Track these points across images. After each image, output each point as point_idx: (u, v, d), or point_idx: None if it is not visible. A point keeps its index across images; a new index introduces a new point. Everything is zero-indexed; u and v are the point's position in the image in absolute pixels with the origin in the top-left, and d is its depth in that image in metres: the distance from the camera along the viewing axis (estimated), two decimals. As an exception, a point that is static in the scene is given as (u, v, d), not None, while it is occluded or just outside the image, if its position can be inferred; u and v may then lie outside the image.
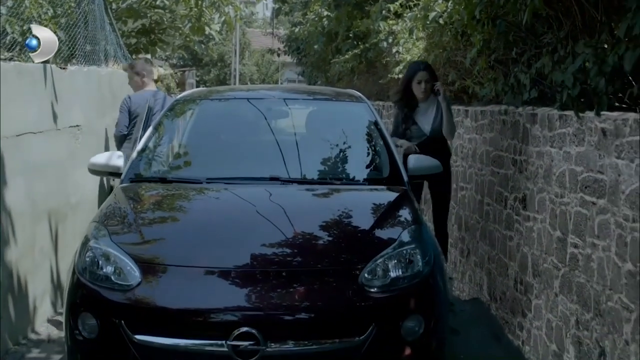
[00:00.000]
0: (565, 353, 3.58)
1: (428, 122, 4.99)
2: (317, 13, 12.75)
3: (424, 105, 5.02)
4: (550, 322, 3.80)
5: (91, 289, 2.82)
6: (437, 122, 4.97)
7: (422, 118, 5.01)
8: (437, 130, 4.97)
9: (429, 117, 5.01)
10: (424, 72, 4.96)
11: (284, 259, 3.00)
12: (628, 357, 2.86)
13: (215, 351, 2.63)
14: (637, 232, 2.80)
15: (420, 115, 5.02)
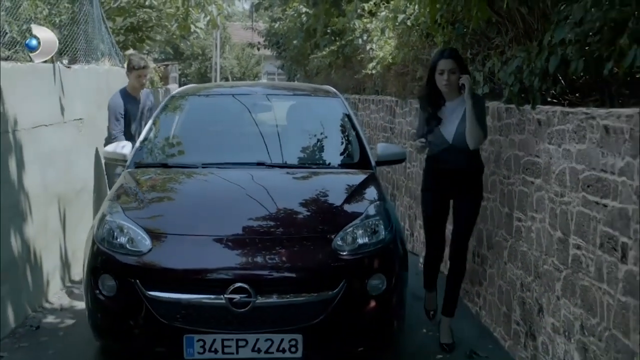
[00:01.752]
0: (512, 313, 4.19)
1: (452, 127, 4.00)
2: (295, 9, 13.27)
3: (452, 105, 4.02)
4: (501, 287, 4.41)
5: (109, 255, 3.35)
6: (462, 129, 3.95)
7: (447, 121, 4.03)
8: (462, 138, 3.95)
9: (454, 120, 4.00)
10: (447, 61, 3.91)
11: (269, 229, 3.54)
12: (559, 310, 3.48)
13: (214, 303, 3.16)
14: (565, 205, 3.42)
15: (445, 116, 4.04)
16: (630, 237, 2.72)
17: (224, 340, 3.15)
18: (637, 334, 2.67)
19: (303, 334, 3.18)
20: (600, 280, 2.99)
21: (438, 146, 4.08)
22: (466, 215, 4.13)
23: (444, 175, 4.10)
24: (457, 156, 4.01)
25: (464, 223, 4.16)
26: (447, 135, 4.03)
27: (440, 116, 4.04)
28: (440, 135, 4.05)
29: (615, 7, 2.43)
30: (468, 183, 4.10)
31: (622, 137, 2.76)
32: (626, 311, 2.76)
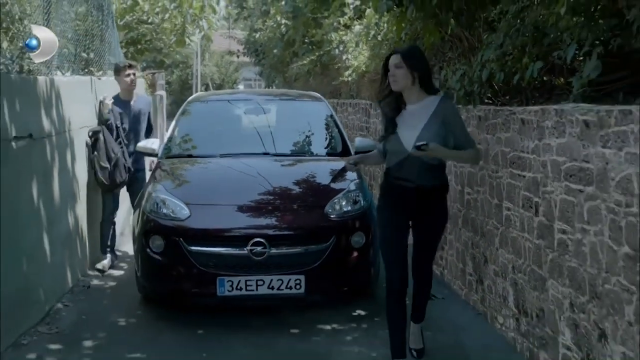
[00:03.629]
0: (466, 267, 5.32)
1: (412, 133, 3.46)
2: (275, 21, 14.37)
3: (413, 108, 3.52)
4: (458, 249, 5.54)
5: (157, 222, 4.39)
6: (426, 136, 3.40)
7: (406, 125, 3.51)
8: None
9: (415, 124, 3.47)
10: (393, 56, 3.49)
11: (276, 199, 4.62)
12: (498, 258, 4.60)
13: (239, 253, 4.21)
14: (498, 179, 4.55)
15: (404, 120, 3.53)
16: (540, 197, 3.85)
17: (247, 281, 4.21)
18: (547, 265, 3.80)
19: (305, 275, 4.25)
20: (522, 230, 4.13)
21: (395, 156, 3.52)
22: (424, 239, 3.66)
23: (401, 192, 3.53)
24: (417, 169, 3.46)
25: (423, 251, 3.70)
26: (405, 143, 3.44)
27: (397, 122, 3.52)
28: (397, 142, 3.49)
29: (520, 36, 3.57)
30: (429, 202, 3.56)
31: (532, 127, 3.89)
32: (539, 250, 3.90)
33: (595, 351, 3.26)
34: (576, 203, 3.38)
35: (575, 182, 3.37)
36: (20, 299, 4.03)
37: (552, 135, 3.58)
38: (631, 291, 2.91)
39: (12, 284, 3.88)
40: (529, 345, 4.07)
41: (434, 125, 3.48)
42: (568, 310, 3.53)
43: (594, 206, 3.19)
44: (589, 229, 3.26)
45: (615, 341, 3.06)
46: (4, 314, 3.72)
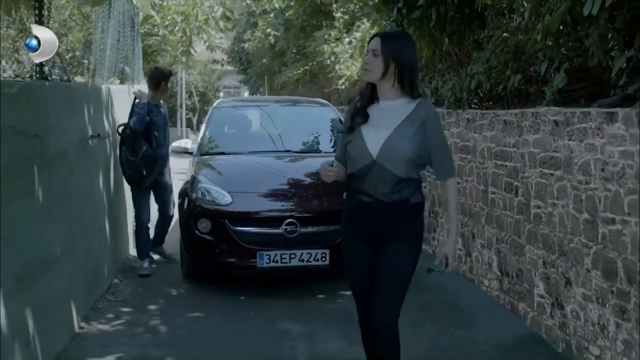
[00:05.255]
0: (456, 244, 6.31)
1: (381, 133, 2.77)
2: (263, 31, 15.31)
3: (387, 105, 2.83)
4: (449, 230, 6.55)
5: (204, 207, 5.26)
6: (397, 140, 2.72)
7: (374, 123, 2.80)
8: (394, 154, 2.73)
9: (386, 124, 2.78)
10: (373, 40, 2.85)
11: (302, 187, 5.54)
12: (484, 234, 5.60)
13: (275, 232, 5.11)
14: (484, 169, 5.57)
15: (371, 119, 2.82)
16: (519, 181, 4.86)
17: (282, 255, 5.12)
18: (525, 235, 4.80)
19: (329, 249, 5.17)
20: (505, 209, 5.14)
21: (356, 162, 2.77)
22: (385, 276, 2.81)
23: (362, 210, 2.81)
24: (382, 181, 2.71)
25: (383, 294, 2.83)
26: (370, 145, 2.72)
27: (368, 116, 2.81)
28: (360, 143, 2.74)
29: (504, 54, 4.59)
30: (395, 225, 2.76)
31: (513, 126, 4.90)
32: (519, 223, 4.90)
33: (562, 295, 4.26)
34: (548, 184, 4.38)
35: (547, 168, 4.38)
36: (94, 272, 4.88)
37: (529, 132, 4.60)
38: (589, 246, 3.91)
39: (92, 259, 4.73)
40: (510, 300, 5.06)
41: (409, 129, 2.74)
42: (541, 267, 4.53)
43: (562, 185, 4.20)
44: (557, 203, 4.27)
45: (577, 285, 4.06)
46: (87, 282, 4.58)
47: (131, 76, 7.14)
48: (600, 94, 3.96)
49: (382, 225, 2.89)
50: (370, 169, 2.83)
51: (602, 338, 3.84)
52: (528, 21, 4.11)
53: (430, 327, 4.34)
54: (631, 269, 3.49)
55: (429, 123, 2.87)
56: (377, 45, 2.85)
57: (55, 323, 3.87)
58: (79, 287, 4.39)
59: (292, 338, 4.30)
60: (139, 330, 4.43)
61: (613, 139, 3.55)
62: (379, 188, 2.84)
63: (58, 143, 3.96)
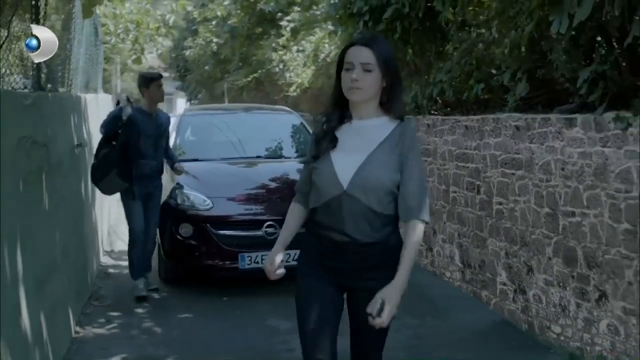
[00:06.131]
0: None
1: (351, 161, 2.35)
2: (204, 38, 15.41)
3: (359, 125, 2.39)
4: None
5: (185, 212, 5.46)
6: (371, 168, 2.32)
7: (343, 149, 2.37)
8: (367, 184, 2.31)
9: (358, 149, 2.36)
10: (358, 49, 2.34)
11: (278, 190, 5.83)
12: (446, 229, 6.06)
13: (256, 234, 5.36)
14: (445, 170, 6.03)
15: (344, 139, 2.39)
16: (481, 181, 5.34)
17: (262, 255, 5.36)
18: (487, 229, 5.28)
19: (307, 249, 5.49)
20: (466, 206, 5.61)
21: (323, 193, 2.37)
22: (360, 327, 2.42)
23: (328, 248, 2.39)
24: (353, 216, 2.33)
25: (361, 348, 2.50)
26: (340, 174, 2.33)
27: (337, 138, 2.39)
28: (329, 171, 2.35)
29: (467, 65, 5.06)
30: (370, 268, 2.38)
31: (475, 131, 5.38)
32: (481, 219, 5.38)
33: (524, 282, 4.75)
34: (510, 182, 4.87)
35: (509, 168, 4.87)
36: (82, 277, 4.99)
37: (491, 136, 5.08)
38: (550, 237, 4.41)
39: (80, 264, 4.84)
40: (472, 289, 5.54)
41: (387, 153, 2.34)
42: (504, 258, 5.02)
43: (523, 183, 4.69)
44: (519, 199, 4.76)
45: (539, 272, 4.56)
46: (77, 288, 4.70)
47: (94, 85, 7.21)
48: (556, 102, 4.47)
49: (354, 270, 2.38)
50: (340, 202, 2.33)
51: (563, 317, 4.34)
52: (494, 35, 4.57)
53: (409, 318, 4.72)
54: (590, 255, 3.99)
55: (409, 149, 2.37)
56: (369, 56, 2.32)
57: (59, 327, 4.00)
58: (73, 292, 4.50)
59: (282, 333, 4.57)
60: (135, 332, 4.58)
61: (572, 142, 4.05)
62: (350, 224, 2.33)
63: (57, 152, 4.09)
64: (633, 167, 3.50)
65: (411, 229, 2.36)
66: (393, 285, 2.30)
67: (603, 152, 3.73)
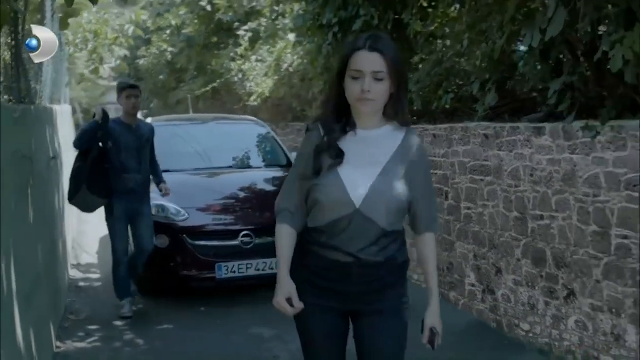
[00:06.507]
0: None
1: (363, 175, 2.17)
2: (158, 47, 15.27)
3: (366, 136, 2.22)
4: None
5: (161, 223, 5.43)
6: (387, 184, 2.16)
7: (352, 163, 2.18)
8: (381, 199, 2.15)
9: (369, 162, 2.19)
10: (369, 55, 2.11)
11: (253, 199, 5.90)
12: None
13: (232, 244, 5.40)
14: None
15: (351, 153, 2.19)
16: (449, 187, 5.54)
17: (239, 265, 5.43)
18: (455, 233, 5.48)
19: (283, 257, 5.57)
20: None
21: (329, 210, 2.18)
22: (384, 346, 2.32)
23: (332, 270, 2.23)
24: (364, 235, 2.17)
25: None
26: (351, 190, 2.15)
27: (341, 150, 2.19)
28: (337, 186, 2.16)
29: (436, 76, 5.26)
30: (379, 289, 2.26)
31: (442, 139, 5.58)
32: (449, 223, 5.57)
33: (493, 282, 4.96)
34: (478, 188, 5.09)
35: (477, 175, 5.08)
36: (57, 291, 4.92)
37: (459, 144, 5.29)
38: (519, 239, 4.63)
39: (56, 277, 4.78)
40: (441, 290, 5.67)
41: (397, 167, 2.17)
42: (472, 260, 5.22)
43: (492, 189, 4.91)
44: (488, 204, 4.98)
45: (507, 273, 4.77)
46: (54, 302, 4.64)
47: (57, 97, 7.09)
48: (521, 111, 4.71)
49: (362, 292, 2.22)
50: (350, 220, 2.14)
51: (531, 315, 4.56)
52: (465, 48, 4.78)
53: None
54: (559, 255, 4.23)
55: (419, 160, 2.26)
56: (381, 64, 2.10)
57: (42, 342, 3.95)
58: (52, 306, 4.45)
59: (267, 340, 4.62)
60: (117, 344, 4.55)
61: (541, 149, 4.28)
62: (358, 244, 2.16)
63: (38, 165, 4.06)
64: (601, 172, 3.74)
65: (429, 242, 2.38)
66: (434, 310, 2.33)
67: (571, 158, 3.97)
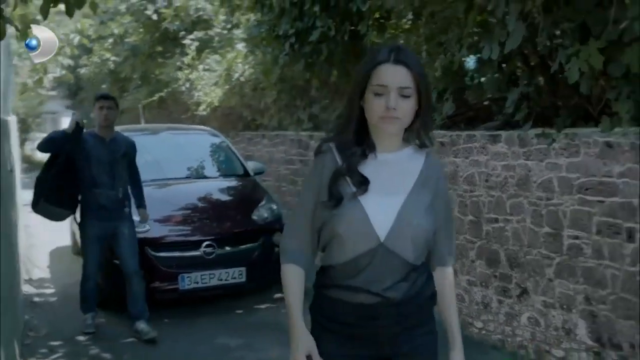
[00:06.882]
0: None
1: (388, 206, 1.90)
2: (100, 56, 14.93)
3: (386, 159, 1.96)
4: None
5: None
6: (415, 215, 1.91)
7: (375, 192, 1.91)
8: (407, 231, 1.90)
9: (392, 190, 1.93)
10: (395, 68, 1.86)
11: (214, 211, 5.89)
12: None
13: (194, 255, 5.38)
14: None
15: (373, 179, 1.92)
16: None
17: (202, 275, 5.41)
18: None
19: (245, 267, 5.57)
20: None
21: (352, 246, 1.90)
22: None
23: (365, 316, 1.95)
24: (391, 272, 1.92)
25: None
26: (376, 221, 1.89)
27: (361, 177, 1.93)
28: (360, 218, 1.89)
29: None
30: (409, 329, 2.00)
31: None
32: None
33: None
34: (435, 194, 5.27)
35: (434, 181, 5.27)
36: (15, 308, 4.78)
37: (415, 151, 5.46)
38: (474, 242, 4.83)
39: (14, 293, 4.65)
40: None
41: (422, 195, 1.96)
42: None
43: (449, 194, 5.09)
44: (445, 209, 5.17)
45: (462, 274, 4.96)
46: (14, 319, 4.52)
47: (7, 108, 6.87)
48: (476, 120, 4.93)
49: (392, 334, 1.97)
50: (373, 256, 1.89)
51: (485, 314, 4.77)
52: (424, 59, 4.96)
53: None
54: (512, 256, 4.44)
55: (441, 186, 2.04)
56: (408, 79, 1.86)
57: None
58: (15, 323, 4.34)
59: (235, 350, 4.64)
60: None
61: (496, 156, 4.50)
62: (385, 282, 1.90)
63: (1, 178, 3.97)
64: (554, 177, 3.97)
65: (448, 277, 2.10)
66: (458, 350, 2.09)
67: (526, 164, 4.19)
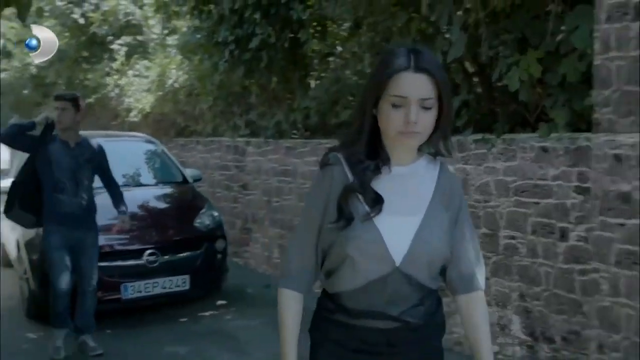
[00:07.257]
0: (272, 254, 7.10)
1: (404, 226, 1.69)
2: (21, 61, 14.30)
3: (401, 173, 1.73)
4: (264, 243, 7.27)
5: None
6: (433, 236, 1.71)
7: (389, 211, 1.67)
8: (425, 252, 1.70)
9: (409, 210, 1.71)
10: (415, 77, 1.59)
11: (156, 219, 5.80)
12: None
13: (137, 263, 5.27)
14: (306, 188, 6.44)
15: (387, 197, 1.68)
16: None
17: (145, 284, 5.31)
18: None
19: (189, 274, 5.51)
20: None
21: (365, 271, 1.71)
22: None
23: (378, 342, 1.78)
24: (405, 297, 1.74)
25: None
26: (391, 244, 1.69)
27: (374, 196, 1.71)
28: (375, 240, 1.68)
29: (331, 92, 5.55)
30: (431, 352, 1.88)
31: (337, 152, 5.86)
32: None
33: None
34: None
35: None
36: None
37: (355, 156, 5.59)
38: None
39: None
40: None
41: (438, 213, 1.76)
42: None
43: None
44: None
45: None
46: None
47: None
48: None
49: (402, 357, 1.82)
50: (386, 281, 1.71)
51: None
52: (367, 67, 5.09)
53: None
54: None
55: (459, 199, 1.82)
56: (430, 89, 1.63)
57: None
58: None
59: (184, 358, 4.59)
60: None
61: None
62: (400, 306, 1.74)
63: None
64: (491, 180, 4.18)
65: (480, 303, 1.83)
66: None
67: (465, 168, 4.39)
